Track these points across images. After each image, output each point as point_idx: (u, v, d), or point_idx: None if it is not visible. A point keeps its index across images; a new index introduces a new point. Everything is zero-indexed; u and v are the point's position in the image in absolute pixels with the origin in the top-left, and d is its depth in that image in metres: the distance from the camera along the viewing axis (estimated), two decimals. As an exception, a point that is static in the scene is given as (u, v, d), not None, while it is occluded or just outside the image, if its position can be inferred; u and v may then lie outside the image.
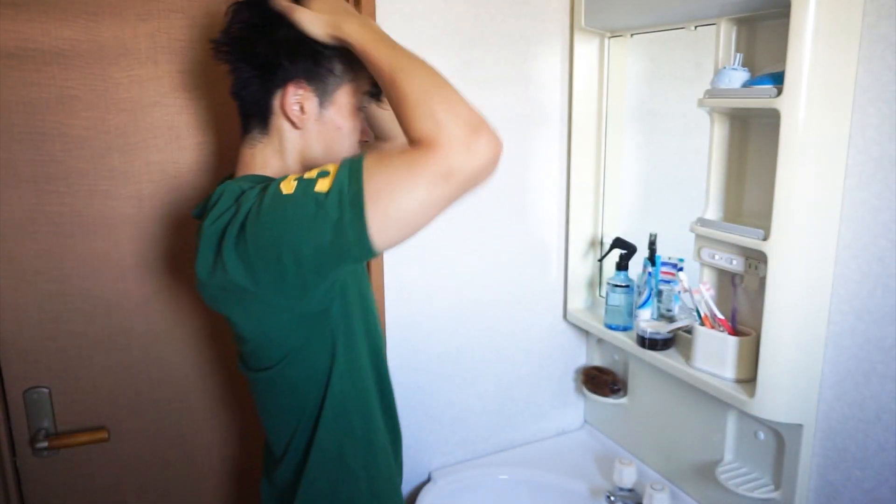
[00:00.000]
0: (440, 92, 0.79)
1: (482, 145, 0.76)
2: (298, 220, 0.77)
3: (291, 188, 0.79)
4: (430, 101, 0.77)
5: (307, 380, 0.96)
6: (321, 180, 0.78)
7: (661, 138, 1.53)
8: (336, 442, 0.98)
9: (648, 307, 1.45)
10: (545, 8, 1.52)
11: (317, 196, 0.77)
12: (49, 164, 1.18)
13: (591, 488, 1.51)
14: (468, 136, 0.75)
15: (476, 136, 0.76)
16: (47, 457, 1.27)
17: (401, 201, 0.76)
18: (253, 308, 0.87)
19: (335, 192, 0.76)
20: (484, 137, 0.76)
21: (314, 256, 0.79)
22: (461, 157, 0.75)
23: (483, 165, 0.76)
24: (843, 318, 1.13)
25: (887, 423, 1.09)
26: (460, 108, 0.77)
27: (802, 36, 1.01)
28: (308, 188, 0.78)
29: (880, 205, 1.06)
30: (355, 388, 0.98)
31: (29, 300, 1.21)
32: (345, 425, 0.98)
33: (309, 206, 0.77)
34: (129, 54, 1.19)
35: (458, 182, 0.76)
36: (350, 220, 0.75)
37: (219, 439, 1.41)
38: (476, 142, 0.75)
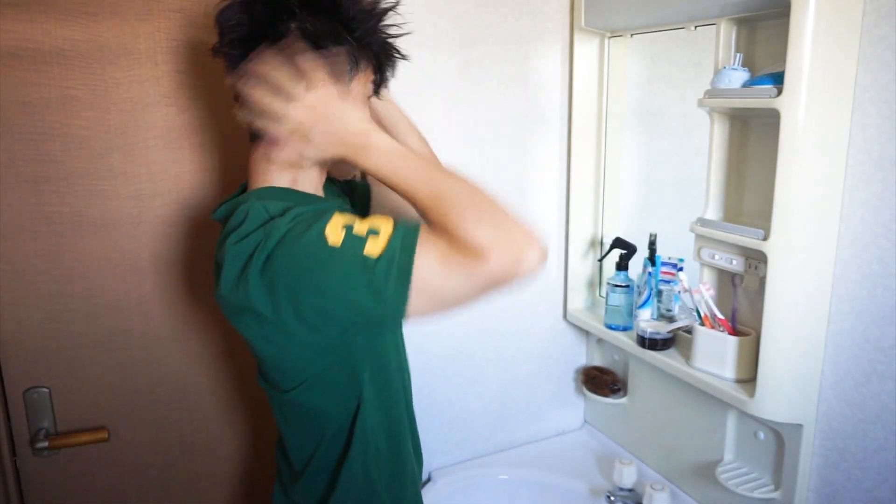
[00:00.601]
0: (488, 202, 0.80)
1: (533, 260, 0.77)
2: (340, 277, 0.76)
3: (338, 240, 0.76)
4: (482, 212, 0.78)
5: (330, 406, 0.95)
6: (372, 240, 0.76)
7: (661, 138, 1.53)
8: (363, 465, 0.97)
9: (648, 307, 1.45)
10: (545, 8, 1.52)
11: (366, 260, 0.75)
12: (49, 164, 1.18)
13: (591, 488, 1.51)
14: (523, 252, 0.76)
15: (529, 251, 0.77)
16: (47, 457, 1.27)
17: (447, 293, 0.77)
18: (271, 334, 0.85)
19: (385, 261, 0.75)
20: (536, 252, 0.77)
21: (344, 314, 0.80)
22: (514, 269, 0.76)
23: (533, 271, 0.78)
24: (843, 318, 1.13)
25: (887, 423, 1.09)
26: (510, 219, 0.79)
27: (802, 36, 1.01)
28: (357, 247, 0.76)
29: (880, 205, 1.06)
30: (386, 415, 0.98)
31: (29, 300, 1.21)
32: (374, 450, 0.98)
33: (355, 267, 0.75)
34: (129, 54, 1.19)
35: (506, 285, 0.78)
36: (394, 293, 0.75)
37: (219, 439, 1.41)
38: (529, 256, 0.77)
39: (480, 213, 0.78)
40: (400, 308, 0.76)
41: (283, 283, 0.78)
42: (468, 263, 0.75)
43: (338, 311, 0.79)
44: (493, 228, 0.77)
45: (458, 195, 0.79)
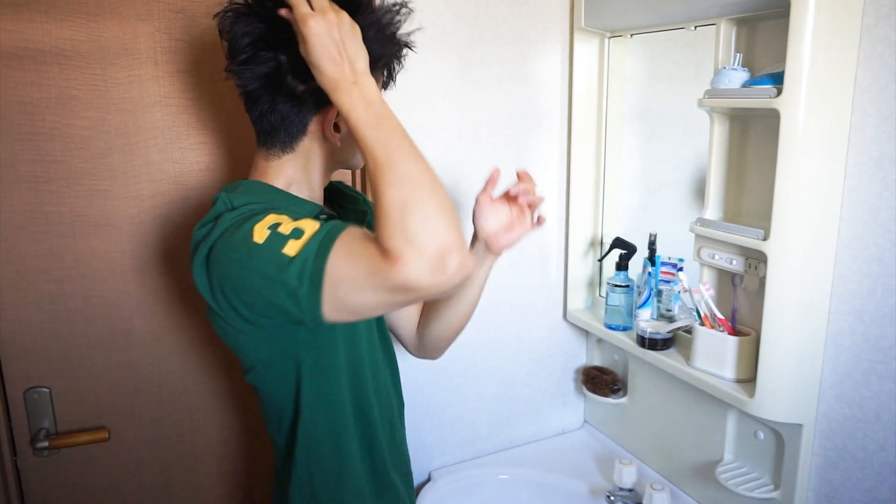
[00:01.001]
0: (419, 206, 0.74)
1: (448, 273, 0.72)
2: (258, 273, 0.78)
3: (262, 237, 0.78)
4: (406, 214, 0.73)
5: (276, 397, 0.96)
6: (291, 242, 0.76)
7: (661, 138, 1.54)
8: (308, 470, 0.98)
9: (648, 307, 1.45)
10: (545, 8, 1.52)
11: (281, 258, 0.76)
12: (49, 164, 1.18)
13: (591, 488, 1.51)
14: (436, 263, 0.72)
15: (444, 263, 0.72)
16: (48, 457, 1.28)
17: (357, 298, 0.75)
18: (219, 317, 0.87)
19: (299, 261, 0.75)
20: (452, 265, 0.72)
21: (266, 309, 0.80)
22: (425, 279, 0.72)
23: (446, 289, 0.74)
24: (843, 318, 1.13)
25: (887, 423, 1.09)
26: (436, 228, 0.73)
27: (802, 36, 1.01)
28: (277, 246, 0.77)
29: (880, 205, 1.06)
30: (327, 421, 0.96)
31: (29, 300, 1.21)
32: (315, 457, 0.98)
33: (272, 264, 0.76)
34: (129, 54, 1.20)
35: (416, 296, 0.75)
36: (306, 294, 0.75)
37: (219, 439, 1.41)
38: (443, 269, 0.72)
39: (412, 210, 0.73)
40: (314, 311, 0.75)
41: (217, 275, 0.81)
42: (379, 272, 0.72)
43: (261, 306, 0.80)
44: (416, 231, 0.72)
45: (405, 181, 0.75)
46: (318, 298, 0.75)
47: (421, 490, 1.53)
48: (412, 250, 0.71)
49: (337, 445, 0.98)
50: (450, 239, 0.73)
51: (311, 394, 0.94)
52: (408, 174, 0.76)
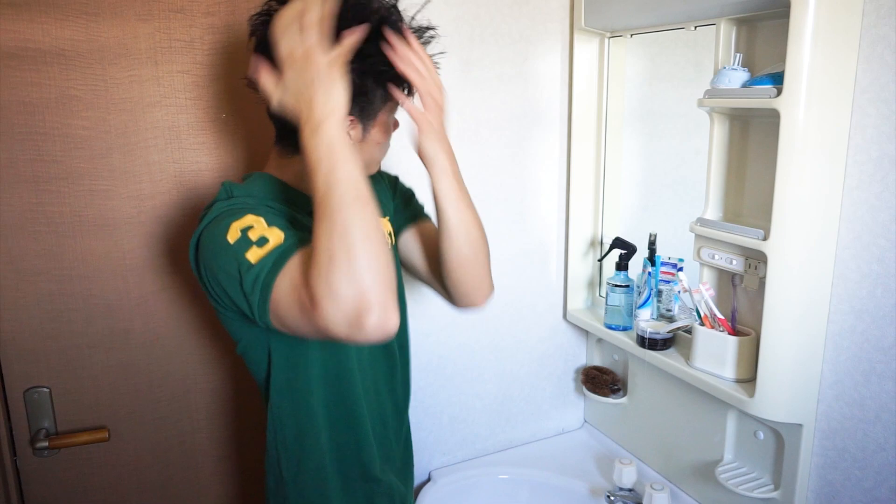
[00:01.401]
0: (345, 259, 0.74)
1: (365, 330, 0.73)
2: (223, 270, 0.84)
3: (234, 238, 0.83)
4: (331, 266, 0.74)
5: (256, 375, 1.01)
6: (254, 249, 0.82)
7: (661, 138, 1.54)
8: (275, 448, 1.02)
9: (648, 307, 1.45)
10: (545, 8, 1.52)
11: (241, 263, 0.81)
12: (49, 164, 1.18)
13: (591, 488, 1.51)
14: (353, 318, 0.73)
15: (360, 320, 0.73)
16: (48, 457, 1.28)
17: (291, 323, 0.80)
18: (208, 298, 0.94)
19: (255, 270, 0.80)
20: (369, 323, 0.73)
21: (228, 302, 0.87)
22: (341, 331, 0.74)
23: (366, 342, 0.76)
24: (843, 317, 1.13)
25: (886, 423, 1.09)
26: (357, 284, 0.73)
27: (802, 36, 1.01)
28: (241, 250, 0.82)
29: (880, 205, 1.06)
30: (292, 407, 1.00)
31: (29, 300, 1.21)
32: (281, 438, 1.01)
33: (234, 266, 0.82)
34: (129, 54, 1.19)
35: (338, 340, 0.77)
36: (256, 302, 0.81)
37: (219, 439, 1.41)
38: (359, 325, 0.73)
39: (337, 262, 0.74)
40: (264, 318, 0.81)
41: (201, 259, 0.88)
42: (306, 315, 0.76)
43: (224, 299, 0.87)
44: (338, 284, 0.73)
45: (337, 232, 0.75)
46: (266, 309, 0.81)
47: (421, 490, 1.53)
48: (331, 302, 0.73)
49: (301, 431, 1.01)
50: (371, 296, 0.73)
51: (279, 381, 0.98)
52: (342, 225, 0.75)
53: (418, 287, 1.51)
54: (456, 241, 1.02)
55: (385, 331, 0.75)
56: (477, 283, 1.08)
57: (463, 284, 1.07)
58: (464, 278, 1.06)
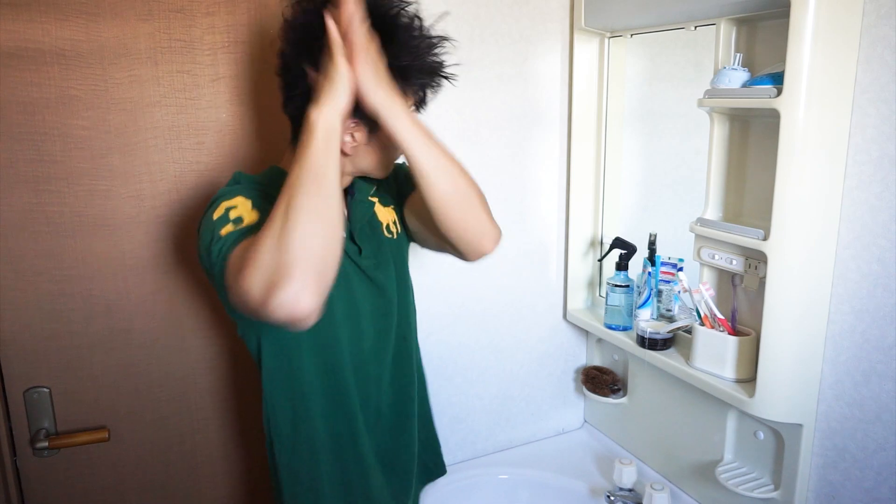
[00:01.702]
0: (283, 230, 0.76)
1: (274, 303, 0.73)
2: (203, 243, 0.88)
3: (218, 214, 0.88)
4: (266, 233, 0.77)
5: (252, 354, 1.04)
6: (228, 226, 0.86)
7: (661, 138, 1.54)
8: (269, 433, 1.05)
9: (648, 307, 1.45)
10: (545, 8, 1.52)
11: (214, 236, 0.86)
12: (49, 164, 1.18)
13: (591, 488, 1.51)
14: (266, 289, 0.74)
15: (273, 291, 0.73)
16: (48, 457, 1.28)
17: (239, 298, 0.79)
18: None
19: (220, 244, 0.85)
20: (280, 297, 0.73)
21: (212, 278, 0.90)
22: (253, 303, 0.75)
23: (275, 319, 0.75)
24: (843, 317, 1.13)
25: (886, 423, 1.09)
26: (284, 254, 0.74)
27: (802, 36, 1.01)
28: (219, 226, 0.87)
29: (880, 205, 1.06)
30: (284, 393, 1.02)
31: (29, 300, 1.21)
32: (274, 423, 1.04)
33: (208, 239, 0.87)
34: (129, 54, 1.19)
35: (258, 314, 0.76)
36: (217, 274, 0.85)
37: (219, 439, 1.41)
38: (270, 298, 0.74)
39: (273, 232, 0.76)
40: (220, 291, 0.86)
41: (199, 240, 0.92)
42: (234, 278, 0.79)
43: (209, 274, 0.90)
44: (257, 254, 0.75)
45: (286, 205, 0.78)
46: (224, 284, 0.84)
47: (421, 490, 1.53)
48: (252, 267, 0.76)
49: (296, 417, 1.03)
50: (291, 270, 0.74)
51: (270, 367, 1.01)
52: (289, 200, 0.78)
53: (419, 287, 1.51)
54: (436, 187, 0.94)
55: (293, 310, 0.74)
56: (476, 228, 1.01)
57: (462, 232, 1.00)
58: (460, 225, 0.99)
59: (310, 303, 0.75)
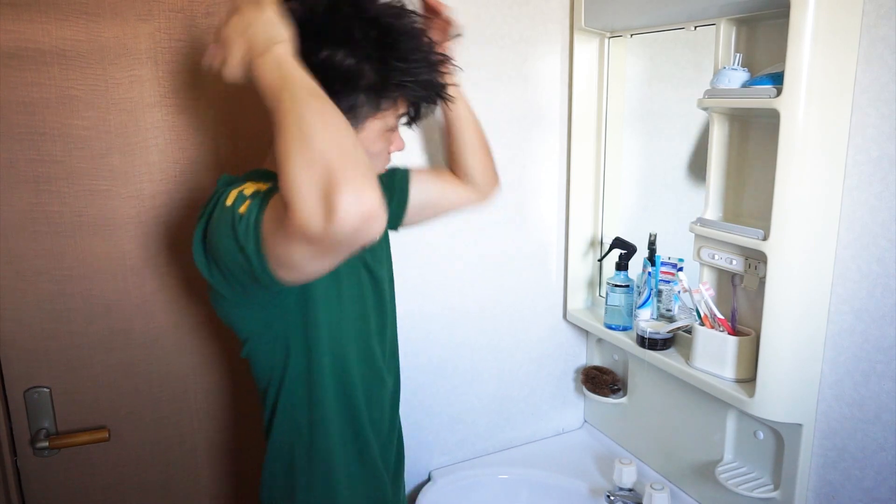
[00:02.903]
0: (302, 140, 0.69)
1: (341, 211, 0.65)
2: (221, 233, 0.81)
3: (231, 199, 0.81)
4: (291, 158, 0.69)
5: (264, 369, 1.00)
6: (246, 203, 0.79)
7: (661, 138, 1.54)
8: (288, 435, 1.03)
9: (648, 307, 1.45)
10: (545, 8, 1.52)
11: (234, 216, 0.78)
12: (49, 164, 1.18)
13: (591, 488, 1.51)
14: (322, 201, 0.66)
15: (331, 200, 0.66)
16: (48, 456, 1.28)
17: (284, 252, 0.73)
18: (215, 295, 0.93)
19: (245, 219, 0.77)
20: (343, 200, 0.65)
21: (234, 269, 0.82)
22: (318, 227, 0.66)
23: (348, 231, 0.67)
24: (843, 317, 1.13)
25: (886, 423, 1.09)
26: (318, 160, 0.67)
27: (802, 36, 1.01)
28: (236, 205, 0.80)
29: (879, 205, 1.06)
30: (307, 396, 1.00)
31: (29, 300, 1.21)
32: (295, 427, 1.02)
33: (229, 222, 0.79)
34: (129, 54, 1.19)
35: (327, 248, 0.70)
36: (252, 251, 0.76)
37: (219, 439, 1.41)
38: (333, 208, 0.65)
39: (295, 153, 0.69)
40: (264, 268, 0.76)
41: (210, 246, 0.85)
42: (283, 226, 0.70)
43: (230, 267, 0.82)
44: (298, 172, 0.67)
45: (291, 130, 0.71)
46: (262, 255, 0.75)
47: (421, 490, 1.53)
48: (297, 194, 0.67)
49: (314, 418, 1.01)
50: (337, 175, 0.66)
51: (297, 367, 0.98)
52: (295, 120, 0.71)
53: (418, 287, 1.51)
54: (469, 129, 1.24)
55: (363, 209, 0.66)
56: (491, 169, 1.31)
57: (484, 168, 1.28)
58: (481, 164, 1.28)
59: (374, 195, 0.68)
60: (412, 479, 1.58)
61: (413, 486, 1.58)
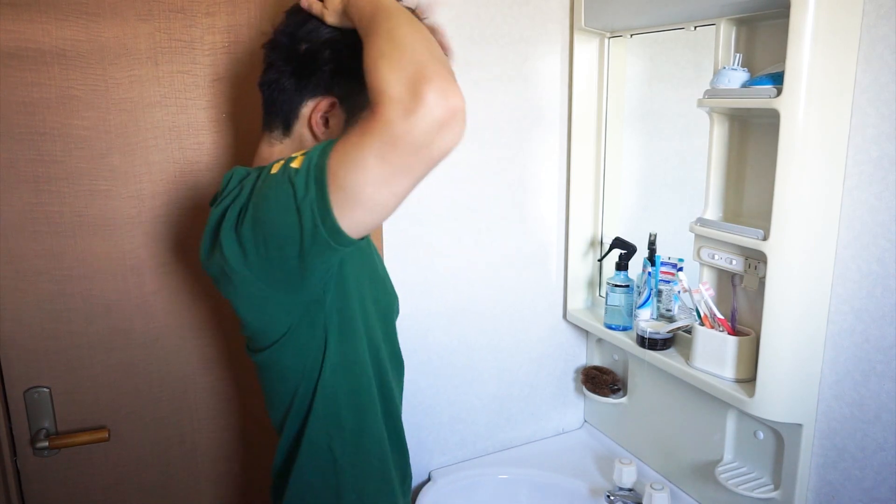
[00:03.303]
0: (393, 45, 0.71)
1: (428, 101, 0.66)
2: (275, 197, 0.76)
3: (277, 168, 0.78)
4: (381, 58, 0.70)
5: (297, 367, 0.94)
6: (298, 158, 0.76)
7: (661, 138, 1.54)
8: (326, 435, 0.97)
9: (648, 307, 1.45)
10: (545, 8, 1.52)
11: (289, 172, 0.75)
12: (49, 164, 1.18)
13: (591, 488, 1.51)
14: (409, 91, 0.66)
15: (418, 89, 0.66)
16: (48, 456, 1.28)
17: (356, 176, 0.71)
18: (248, 291, 0.86)
19: (304, 168, 0.74)
20: (430, 91, 0.66)
21: (290, 238, 0.76)
22: (402, 118, 0.66)
23: (431, 126, 0.67)
24: (843, 317, 1.13)
25: (886, 423, 1.09)
26: (407, 58, 0.69)
27: (802, 36, 1.01)
28: (287, 165, 0.76)
29: (879, 205, 1.06)
30: (349, 384, 0.96)
31: (29, 300, 1.21)
32: (335, 420, 0.97)
33: (284, 183, 0.75)
34: (129, 54, 1.19)
35: (408, 150, 0.68)
36: (313, 198, 0.72)
37: (219, 439, 1.41)
38: (419, 97, 0.66)
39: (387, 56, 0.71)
40: (326, 214, 0.72)
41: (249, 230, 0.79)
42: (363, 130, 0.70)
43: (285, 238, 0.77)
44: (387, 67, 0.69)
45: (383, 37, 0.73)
46: (325, 199, 0.72)
47: (421, 490, 1.53)
48: (384, 90, 0.68)
49: (358, 406, 0.97)
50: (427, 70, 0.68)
51: (334, 360, 0.93)
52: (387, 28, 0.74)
53: (419, 287, 1.51)
54: None
55: (449, 103, 0.67)
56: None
57: None
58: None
59: (460, 94, 0.69)
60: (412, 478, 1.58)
61: (413, 486, 1.58)
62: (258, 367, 1.00)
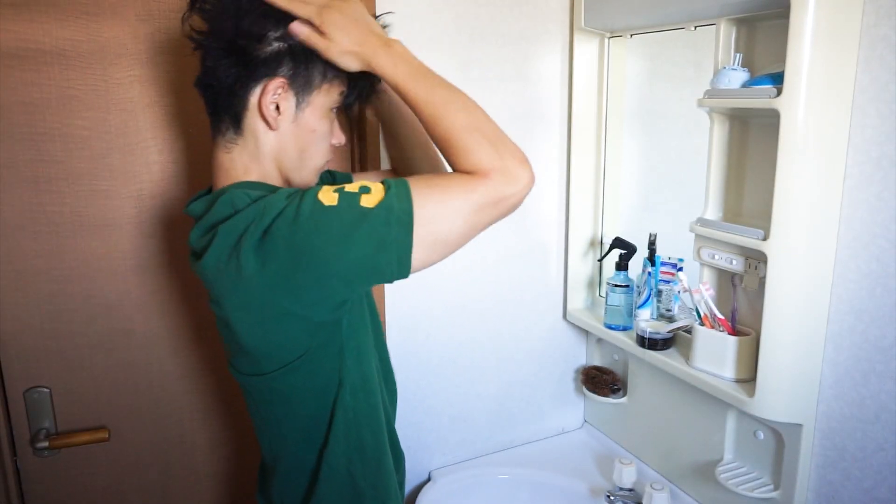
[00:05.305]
0: (489, 125, 0.85)
1: (527, 176, 0.84)
2: (341, 231, 0.77)
3: (333, 200, 0.78)
4: (482, 134, 0.84)
5: (306, 391, 0.91)
6: (365, 196, 0.79)
7: (661, 138, 1.54)
8: (346, 459, 0.94)
9: (648, 307, 1.45)
10: (545, 8, 1.52)
11: (363, 210, 0.78)
12: (49, 164, 1.18)
13: (591, 488, 1.51)
14: (518, 168, 0.83)
15: (524, 167, 0.84)
16: (48, 457, 1.28)
17: (451, 224, 0.81)
18: (260, 313, 0.82)
19: (383, 208, 0.78)
20: (529, 169, 0.84)
21: (349, 269, 0.79)
22: (510, 186, 0.82)
23: (525, 194, 0.85)
24: (843, 317, 1.13)
25: (886, 423, 1.09)
26: (508, 141, 0.85)
27: (802, 36, 1.01)
28: (353, 201, 0.78)
29: (879, 205, 1.06)
30: (368, 404, 0.95)
31: (29, 300, 1.21)
32: (356, 443, 0.94)
33: (354, 218, 0.77)
34: (129, 54, 1.19)
35: (503, 209, 0.84)
36: (396, 238, 0.78)
37: (219, 439, 1.41)
38: (524, 173, 0.83)
39: (482, 135, 0.84)
40: (404, 255, 0.79)
41: (281, 257, 0.77)
42: (473, 189, 0.81)
43: (341, 269, 0.79)
44: (497, 145, 0.83)
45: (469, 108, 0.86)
46: (409, 241, 0.78)
47: (421, 490, 1.53)
48: (500, 162, 0.82)
49: (376, 425, 0.97)
50: (519, 149, 0.85)
51: (354, 381, 0.92)
52: (465, 102, 0.87)
53: (419, 287, 1.51)
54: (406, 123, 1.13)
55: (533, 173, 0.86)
56: None
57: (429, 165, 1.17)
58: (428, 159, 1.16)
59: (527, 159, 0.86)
60: (412, 479, 1.58)
61: (413, 486, 1.58)
62: (252, 391, 0.94)
